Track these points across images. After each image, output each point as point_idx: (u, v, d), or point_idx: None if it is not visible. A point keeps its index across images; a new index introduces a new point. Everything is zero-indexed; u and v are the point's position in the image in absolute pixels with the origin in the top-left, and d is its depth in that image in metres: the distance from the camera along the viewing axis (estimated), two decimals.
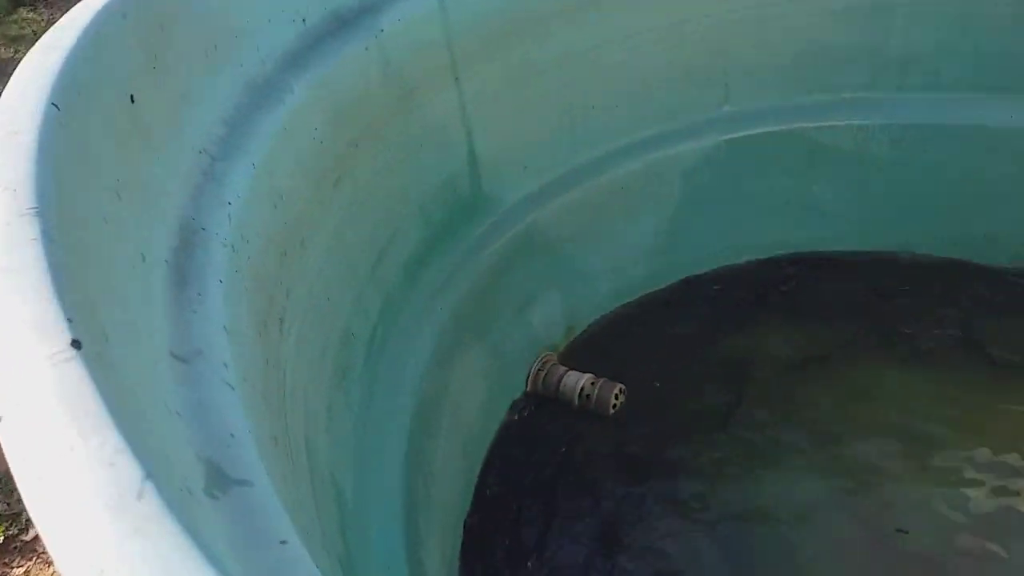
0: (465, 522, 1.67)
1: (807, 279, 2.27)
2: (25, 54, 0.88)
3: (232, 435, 0.68)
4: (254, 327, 0.95)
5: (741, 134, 2.14)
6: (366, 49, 1.38)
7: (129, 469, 0.47)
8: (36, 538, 1.84)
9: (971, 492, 1.72)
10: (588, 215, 1.98)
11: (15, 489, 0.52)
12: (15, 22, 3.66)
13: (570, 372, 1.95)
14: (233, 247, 0.97)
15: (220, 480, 0.59)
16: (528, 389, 1.96)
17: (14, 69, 0.86)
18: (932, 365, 2.00)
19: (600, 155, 1.98)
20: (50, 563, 1.79)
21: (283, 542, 0.57)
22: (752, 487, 1.77)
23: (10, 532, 1.85)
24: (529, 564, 1.65)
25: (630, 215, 2.08)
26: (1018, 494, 1.72)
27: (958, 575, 1.59)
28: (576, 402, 1.92)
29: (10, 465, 0.49)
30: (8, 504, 1.89)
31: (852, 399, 1.93)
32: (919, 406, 1.90)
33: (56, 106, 0.81)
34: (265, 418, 0.85)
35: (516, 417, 1.92)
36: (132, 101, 0.93)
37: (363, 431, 1.24)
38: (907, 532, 1.65)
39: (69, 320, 0.51)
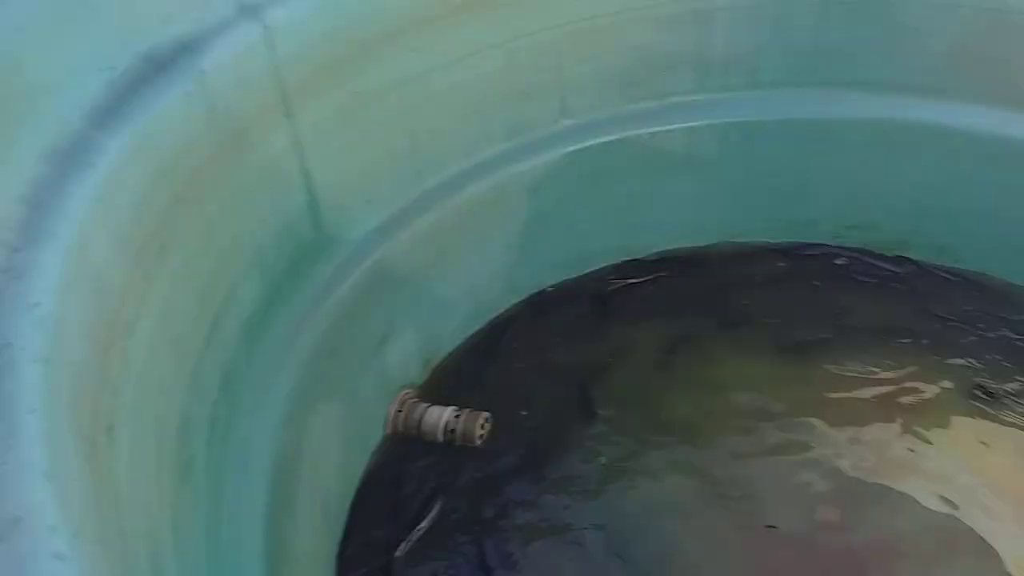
0: None
1: (651, 281, 2.32)
2: None
3: None
4: (80, 453, 0.81)
5: (580, 146, 2.14)
6: (187, 94, 1.23)
7: None
8: None
9: (819, 463, 1.83)
10: (438, 242, 1.90)
11: None
12: None
13: (432, 407, 1.87)
14: (46, 360, 0.82)
15: None
16: (388, 431, 1.87)
17: None
18: (768, 349, 2.10)
19: (445, 179, 1.90)
20: None
21: None
22: (627, 495, 1.79)
23: None
24: None
25: (480, 237, 2.02)
26: (860, 458, 1.84)
27: (828, 547, 1.68)
28: (441, 438, 1.85)
29: None
30: None
31: (704, 392, 2.01)
32: (764, 390, 2.00)
33: None
34: (104, 569, 0.73)
35: (377, 464, 1.82)
36: None
37: (216, 530, 1.11)
38: (776, 527, 1.72)
39: None
